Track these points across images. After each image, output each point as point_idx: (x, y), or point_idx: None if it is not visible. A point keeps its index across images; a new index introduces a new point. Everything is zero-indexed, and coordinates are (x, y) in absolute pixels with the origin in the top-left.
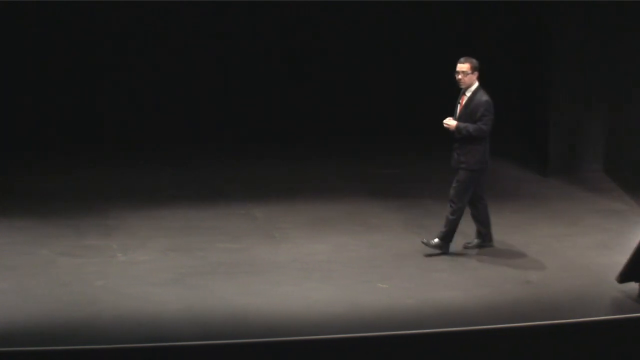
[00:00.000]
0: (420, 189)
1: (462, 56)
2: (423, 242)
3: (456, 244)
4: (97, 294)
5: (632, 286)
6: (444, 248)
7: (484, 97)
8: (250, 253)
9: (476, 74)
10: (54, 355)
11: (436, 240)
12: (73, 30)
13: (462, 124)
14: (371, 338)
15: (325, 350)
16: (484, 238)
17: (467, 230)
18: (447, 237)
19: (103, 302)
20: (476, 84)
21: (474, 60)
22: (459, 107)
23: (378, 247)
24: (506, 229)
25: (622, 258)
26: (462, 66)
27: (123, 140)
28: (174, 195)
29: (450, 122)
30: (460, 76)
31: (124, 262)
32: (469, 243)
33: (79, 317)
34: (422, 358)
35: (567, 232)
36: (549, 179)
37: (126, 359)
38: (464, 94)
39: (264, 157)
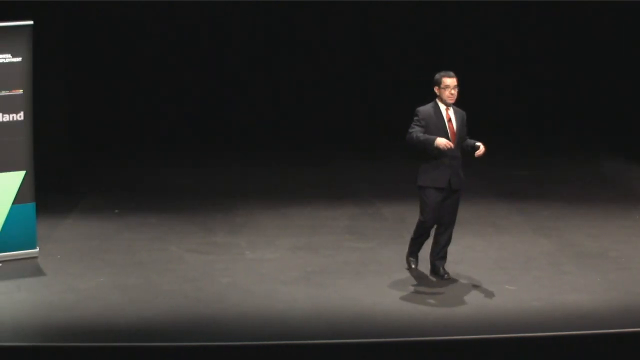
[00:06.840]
0: (550, 190)
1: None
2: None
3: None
4: (224, 291)
5: None
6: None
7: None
8: (378, 253)
9: None
10: (179, 350)
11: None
12: (202, 31)
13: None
14: (498, 340)
15: (452, 351)
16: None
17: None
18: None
19: (230, 300)
20: None
21: None
22: (448, 125)
23: (506, 248)
24: (636, 231)
25: None
26: (455, 80)
27: (253, 138)
28: (302, 193)
29: (481, 147)
30: (455, 90)
31: (252, 260)
32: (443, 276)
33: (206, 313)
34: None
35: None
36: None
37: (252, 357)
38: (447, 109)
39: (394, 156)
